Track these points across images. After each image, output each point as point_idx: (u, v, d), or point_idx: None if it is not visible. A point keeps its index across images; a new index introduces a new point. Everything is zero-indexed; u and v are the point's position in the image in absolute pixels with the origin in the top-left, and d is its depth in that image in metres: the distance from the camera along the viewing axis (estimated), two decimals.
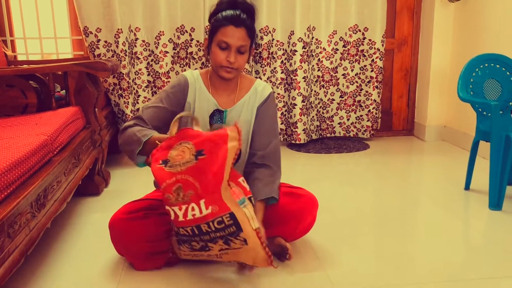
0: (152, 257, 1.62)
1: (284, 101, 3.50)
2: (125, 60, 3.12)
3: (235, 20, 1.55)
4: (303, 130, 3.51)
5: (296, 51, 3.38)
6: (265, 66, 3.42)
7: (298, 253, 1.77)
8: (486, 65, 2.44)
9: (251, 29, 1.59)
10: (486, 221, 2.14)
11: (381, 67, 3.54)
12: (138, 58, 3.22)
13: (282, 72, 3.43)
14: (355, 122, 3.68)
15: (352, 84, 3.60)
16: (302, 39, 3.37)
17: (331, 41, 3.50)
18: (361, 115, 3.65)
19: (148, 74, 3.28)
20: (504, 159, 2.17)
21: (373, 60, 3.53)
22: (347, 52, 3.54)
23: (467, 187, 2.50)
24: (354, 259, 1.75)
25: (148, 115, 1.64)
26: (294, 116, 3.48)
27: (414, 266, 1.70)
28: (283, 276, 1.60)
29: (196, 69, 3.26)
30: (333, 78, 3.58)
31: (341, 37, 3.51)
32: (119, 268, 1.67)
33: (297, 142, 3.51)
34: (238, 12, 1.57)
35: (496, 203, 2.20)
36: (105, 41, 3.11)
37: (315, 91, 3.59)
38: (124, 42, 3.11)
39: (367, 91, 3.59)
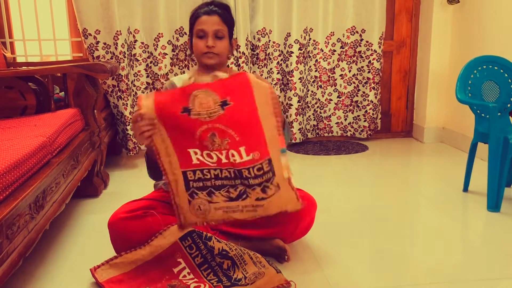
0: None
1: (280, 101, 3.51)
2: (124, 62, 3.12)
3: (207, 11, 1.67)
4: (299, 129, 3.53)
5: (292, 52, 3.39)
6: (262, 67, 3.44)
7: (296, 254, 1.77)
8: (484, 67, 2.44)
9: (224, 17, 1.68)
10: (485, 222, 2.14)
11: (378, 69, 3.55)
12: (137, 60, 3.22)
13: (278, 73, 3.44)
14: (352, 122, 3.69)
15: (350, 85, 3.61)
16: (298, 40, 3.39)
17: (329, 42, 3.52)
18: (358, 116, 3.66)
19: (147, 76, 3.28)
20: (502, 161, 2.17)
21: (370, 61, 3.54)
22: (344, 53, 3.55)
23: (465, 188, 2.50)
24: (353, 260, 1.75)
25: None
26: (290, 116, 3.50)
27: (412, 267, 1.71)
28: None
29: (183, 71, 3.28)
30: (330, 78, 3.60)
31: (338, 38, 3.53)
32: None
33: (293, 141, 3.53)
34: (211, 7, 1.68)
35: (494, 204, 2.21)
36: (104, 43, 3.12)
37: (312, 91, 3.60)
38: (123, 44, 3.11)
39: (364, 92, 3.60)
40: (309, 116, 3.65)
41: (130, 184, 2.74)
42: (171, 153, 1.42)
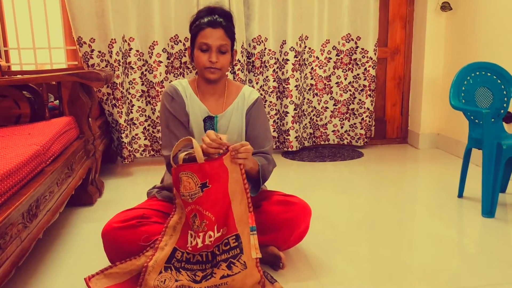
0: None
1: (276, 109, 3.51)
2: (119, 70, 3.12)
3: (211, 22, 1.65)
4: (295, 137, 3.53)
5: (288, 60, 3.40)
6: (257, 75, 3.44)
7: (291, 262, 1.76)
8: (478, 73, 2.46)
9: (228, 30, 1.67)
10: (479, 228, 2.14)
11: (373, 76, 3.57)
12: (132, 68, 3.23)
13: (274, 81, 3.45)
14: (349, 130, 3.69)
15: (346, 93, 3.62)
16: (294, 48, 3.40)
17: (324, 50, 3.53)
18: (355, 123, 3.67)
19: (142, 84, 3.29)
20: (496, 167, 2.18)
21: (365, 68, 3.55)
22: (340, 61, 3.57)
23: (460, 194, 2.51)
24: (348, 267, 1.75)
25: (173, 137, 1.70)
26: (286, 124, 3.50)
27: (408, 274, 1.70)
28: None
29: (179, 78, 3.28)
30: (326, 86, 3.61)
31: (334, 46, 3.54)
32: None
33: (289, 149, 3.53)
34: (215, 17, 1.66)
35: (489, 210, 2.21)
36: (99, 51, 3.12)
37: (308, 99, 3.61)
38: (118, 52, 3.11)
39: (360, 100, 3.61)
40: (306, 124, 3.66)
41: (125, 192, 2.73)
42: (177, 231, 1.56)
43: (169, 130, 1.71)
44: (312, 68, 3.55)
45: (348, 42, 3.54)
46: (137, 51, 3.22)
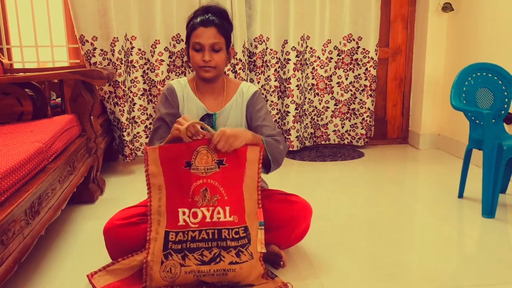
0: None
1: (277, 109, 3.52)
2: (121, 69, 3.13)
3: (203, 22, 1.65)
4: (296, 137, 3.53)
5: (289, 59, 3.41)
6: (259, 74, 3.45)
7: (292, 260, 1.77)
8: (479, 74, 2.46)
9: (221, 27, 1.66)
10: (479, 228, 2.15)
11: (374, 76, 3.57)
12: (134, 67, 3.23)
13: (275, 80, 3.45)
14: (350, 130, 3.70)
15: (347, 92, 3.63)
16: (295, 48, 3.40)
17: (326, 50, 3.54)
18: (355, 123, 3.68)
19: (144, 82, 3.29)
20: (496, 167, 2.18)
21: (367, 69, 3.56)
22: (341, 61, 3.57)
23: (460, 195, 2.52)
24: (348, 266, 1.75)
25: (160, 137, 1.71)
26: (287, 124, 3.51)
27: (407, 273, 1.71)
28: None
29: (180, 76, 3.30)
30: (327, 86, 3.61)
31: (335, 46, 3.55)
32: None
33: (290, 149, 3.53)
34: (207, 16, 1.66)
35: (489, 210, 2.22)
36: (101, 50, 3.13)
37: (309, 99, 3.62)
38: (120, 50, 3.12)
39: (361, 100, 3.62)
40: (307, 124, 3.66)
41: (126, 190, 2.74)
42: (162, 213, 1.54)
43: (156, 133, 1.72)
44: (313, 68, 3.55)
45: (350, 42, 3.54)
46: (139, 49, 3.23)
